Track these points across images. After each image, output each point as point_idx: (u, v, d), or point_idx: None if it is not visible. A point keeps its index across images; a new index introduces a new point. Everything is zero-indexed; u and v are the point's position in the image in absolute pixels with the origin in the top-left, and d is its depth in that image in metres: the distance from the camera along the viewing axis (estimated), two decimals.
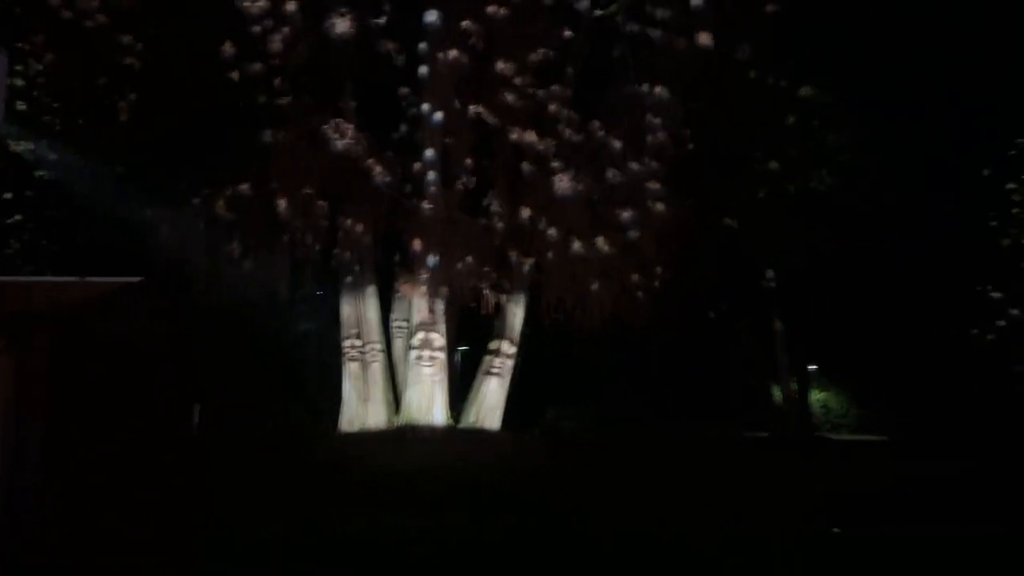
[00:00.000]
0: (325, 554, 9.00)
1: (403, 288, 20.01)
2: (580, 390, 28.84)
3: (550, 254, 19.20)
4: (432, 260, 18.69)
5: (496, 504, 12.53)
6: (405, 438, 18.66)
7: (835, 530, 10.78)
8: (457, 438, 19.17)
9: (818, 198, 25.08)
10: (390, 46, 19.10)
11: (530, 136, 18.72)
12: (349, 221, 18.99)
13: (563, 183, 18.58)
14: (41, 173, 20.38)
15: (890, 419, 29.41)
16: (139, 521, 5.65)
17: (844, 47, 23.43)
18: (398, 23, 19.35)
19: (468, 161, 19.51)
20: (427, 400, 19.61)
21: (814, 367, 32.72)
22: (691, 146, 19.84)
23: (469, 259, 19.01)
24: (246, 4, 17.50)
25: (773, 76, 22.85)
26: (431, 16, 19.22)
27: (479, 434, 19.85)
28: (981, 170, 26.25)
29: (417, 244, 18.67)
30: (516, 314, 21.24)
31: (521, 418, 22.71)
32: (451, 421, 20.27)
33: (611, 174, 19.09)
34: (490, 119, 18.97)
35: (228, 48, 17.54)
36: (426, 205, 18.56)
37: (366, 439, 19.03)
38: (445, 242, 18.83)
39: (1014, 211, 26.02)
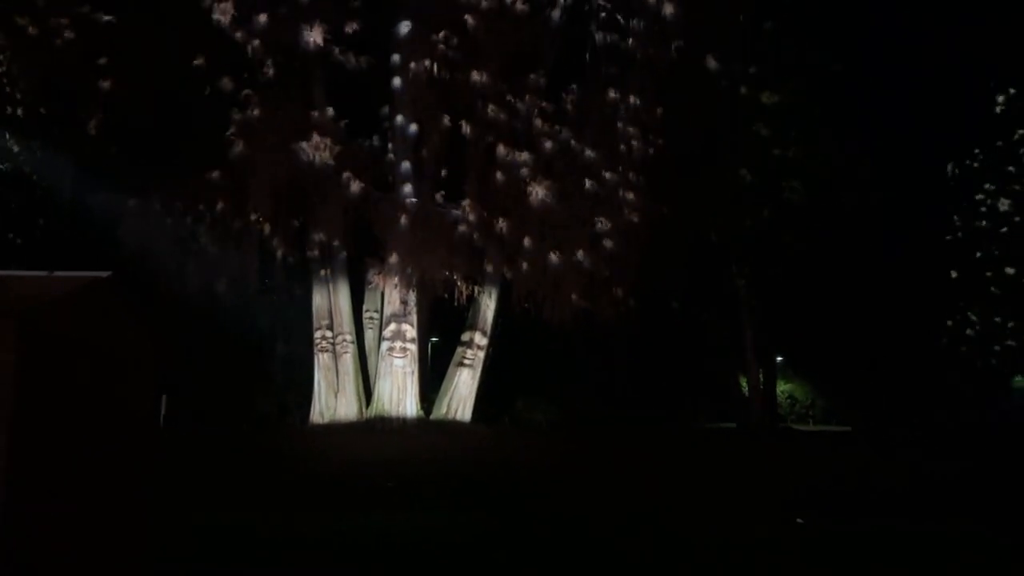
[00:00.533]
0: (297, 551, 8.95)
1: (375, 279, 19.96)
2: (551, 381, 28.94)
3: (524, 265, 19.28)
4: (404, 260, 18.74)
5: (471, 497, 12.56)
6: (376, 430, 18.64)
7: (799, 520, 10.98)
8: (429, 430, 19.18)
9: (789, 204, 25.54)
10: (362, 59, 19.10)
11: (505, 145, 18.82)
12: (321, 235, 19.01)
13: (539, 192, 18.67)
14: (4, 165, 19.93)
15: (853, 410, 29.96)
16: (106, 515, 5.61)
17: (816, 58, 23.80)
18: (370, 35, 19.35)
19: (443, 172, 19.66)
20: (398, 392, 19.60)
21: (781, 359, 33.22)
22: (664, 153, 20.03)
23: (441, 251, 19.05)
24: (218, 16, 17.35)
25: (744, 85, 23.17)
26: (404, 27, 19.18)
27: (451, 425, 19.89)
28: (948, 179, 27.26)
29: (393, 257, 18.70)
30: (488, 306, 21.28)
31: (492, 409, 22.78)
32: (422, 413, 20.29)
33: (587, 183, 19.25)
34: (464, 128, 19.08)
35: (201, 61, 17.45)
36: (403, 220, 18.54)
37: (337, 431, 18.97)
38: (417, 235, 18.82)
39: (979, 223, 26.87)
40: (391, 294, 19.65)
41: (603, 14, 20.59)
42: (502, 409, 24.66)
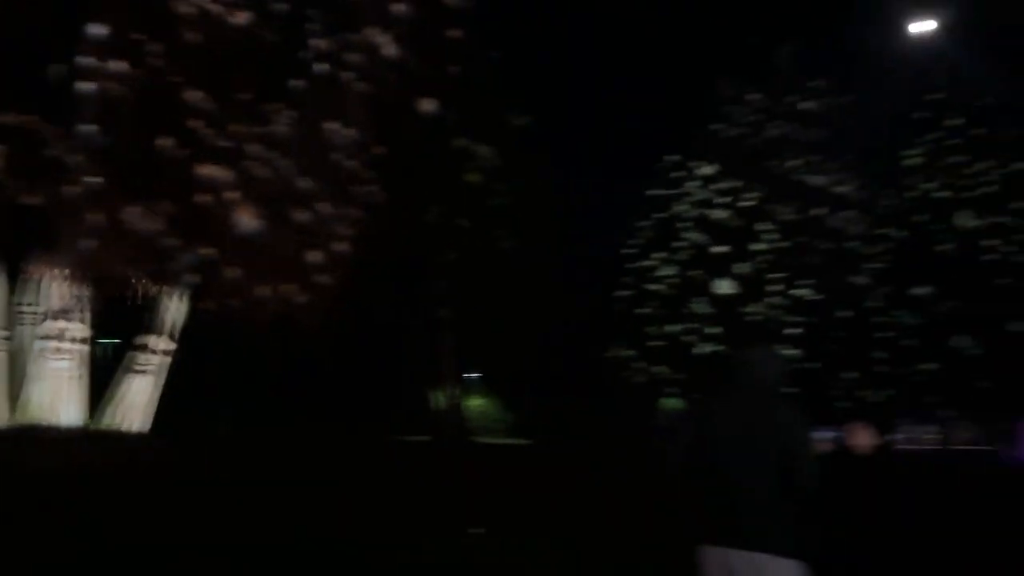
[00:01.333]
0: None
1: (33, 270, 17.61)
2: (246, 390, 27.98)
3: (234, 302, 18.20)
4: (82, 244, 16.73)
5: (119, 512, 11.60)
6: (23, 440, 16.50)
7: (479, 531, 11.53)
8: (90, 441, 17.41)
9: (495, 250, 27.71)
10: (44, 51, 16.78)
11: (211, 166, 17.56)
12: None
13: (245, 219, 17.66)
14: None
15: (535, 425, 32.95)
16: None
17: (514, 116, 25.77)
18: (60, 33, 17.04)
19: (137, 188, 17.89)
20: (56, 397, 17.66)
21: (477, 375, 35.45)
22: (383, 189, 20.09)
23: (125, 247, 17.34)
24: None
25: (456, 134, 24.30)
26: (97, 28, 17.06)
27: (118, 437, 18.26)
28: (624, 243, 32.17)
29: (63, 247, 16.53)
30: (175, 308, 19.91)
31: (175, 418, 21.34)
32: (90, 422, 18.44)
33: (299, 213, 18.57)
34: (165, 144, 17.46)
35: None
36: (85, 244, 16.50)
37: None
38: (96, 227, 16.94)
39: (646, 286, 31.79)
40: (53, 287, 17.55)
41: (317, 42, 19.80)
42: (186, 418, 23.18)
